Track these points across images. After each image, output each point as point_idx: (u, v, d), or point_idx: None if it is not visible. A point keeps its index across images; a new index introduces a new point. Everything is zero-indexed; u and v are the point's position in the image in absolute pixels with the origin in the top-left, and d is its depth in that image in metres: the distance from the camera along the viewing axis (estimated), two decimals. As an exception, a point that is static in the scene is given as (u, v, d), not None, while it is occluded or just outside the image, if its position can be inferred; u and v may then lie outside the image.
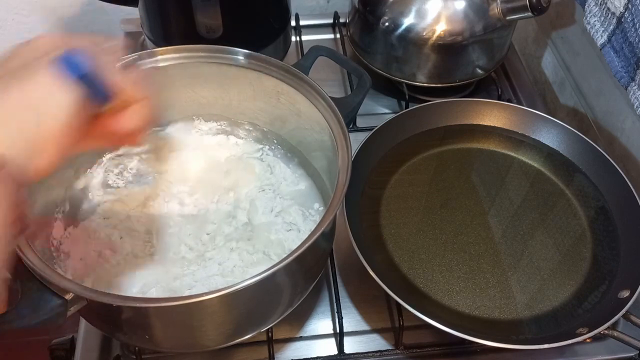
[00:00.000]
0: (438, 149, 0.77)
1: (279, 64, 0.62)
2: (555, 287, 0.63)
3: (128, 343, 0.61)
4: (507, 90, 0.91)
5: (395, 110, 0.87)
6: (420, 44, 0.80)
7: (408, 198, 0.71)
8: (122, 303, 0.46)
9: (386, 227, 0.68)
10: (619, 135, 0.78)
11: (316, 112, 0.60)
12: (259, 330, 0.56)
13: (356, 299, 0.66)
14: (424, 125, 0.77)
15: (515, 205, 0.71)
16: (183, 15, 0.78)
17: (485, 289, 0.63)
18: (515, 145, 0.77)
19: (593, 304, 0.61)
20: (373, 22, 0.82)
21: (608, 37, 0.70)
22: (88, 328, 0.63)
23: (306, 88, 0.61)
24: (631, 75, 0.67)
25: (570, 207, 0.71)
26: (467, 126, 0.78)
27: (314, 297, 0.66)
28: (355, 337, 0.64)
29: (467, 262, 0.65)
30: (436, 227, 0.69)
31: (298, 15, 0.97)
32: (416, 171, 0.75)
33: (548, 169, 0.75)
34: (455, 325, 0.56)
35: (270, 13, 0.84)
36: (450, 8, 0.79)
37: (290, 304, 0.56)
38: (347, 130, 0.56)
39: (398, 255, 0.66)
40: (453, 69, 0.83)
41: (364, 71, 0.65)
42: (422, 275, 0.64)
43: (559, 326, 0.60)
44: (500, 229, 0.68)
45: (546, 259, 0.66)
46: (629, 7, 0.65)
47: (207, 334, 0.54)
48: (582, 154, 0.73)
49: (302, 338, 0.64)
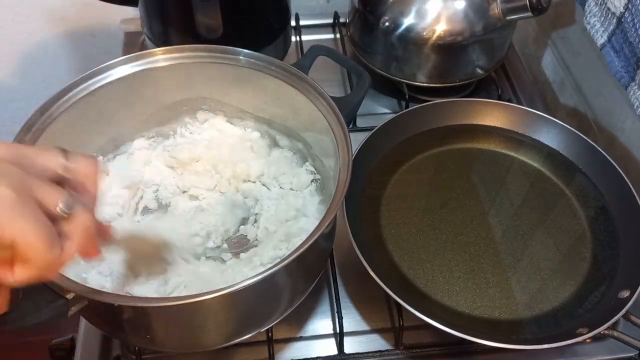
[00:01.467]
0: (438, 149, 0.77)
1: (279, 64, 0.62)
2: (555, 287, 0.63)
3: (128, 343, 0.61)
4: (507, 90, 0.91)
5: (395, 110, 0.87)
6: (420, 44, 0.80)
7: (408, 198, 0.71)
8: (123, 303, 0.46)
9: (386, 227, 0.68)
10: (619, 135, 0.78)
11: (316, 111, 0.60)
12: (259, 330, 0.56)
13: (356, 299, 0.66)
14: (424, 125, 0.77)
15: (515, 205, 0.71)
16: (183, 15, 0.78)
17: (485, 289, 0.63)
18: (515, 145, 0.77)
19: (593, 304, 0.61)
20: (373, 22, 0.82)
21: (608, 37, 0.70)
22: (88, 328, 0.63)
23: (306, 88, 0.61)
24: (631, 75, 0.67)
25: (570, 207, 0.71)
26: (467, 126, 0.78)
27: (314, 297, 0.66)
28: (355, 337, 0.64)
29: (467, 262, 0.65)
30: (436, 227, 0.69)
31: (298, 15, 0.97)
32: (416, 171, 0.74)
33: (548, 169, 0.74)
34: (455, 325, 0.56)
35: (270, 13, 0.84)
36: (450, 8, 0.79)
37: (290, 303, 0.56)
38: (347, 130, 0.56)
39: (398, 255, 0.66)
40: (453, 69, 0.83)
41: (364, 70, 0.65)
42: (422, 275, 0.64)
43: (559, 326, 0.60)
44: (500, 229, 0.68)
45: (546, 259, 0.66)
46: (629, 7, 0.65)
47: (208, 334, 0.54)
48: (582, 154, 0.73)
49: (302, 338, 0.64)
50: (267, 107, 0.67)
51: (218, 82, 0.66)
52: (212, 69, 0.64)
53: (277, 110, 0.66)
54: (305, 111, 0.62)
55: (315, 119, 0.60)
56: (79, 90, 0.60)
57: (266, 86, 0.64)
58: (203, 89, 0.67)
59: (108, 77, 0.61)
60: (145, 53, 0.63)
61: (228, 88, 0.67)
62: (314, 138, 0.64)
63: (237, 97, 0.68)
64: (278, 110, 0.66)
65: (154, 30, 0.83)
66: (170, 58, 0.63)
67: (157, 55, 0.63)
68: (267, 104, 0.67)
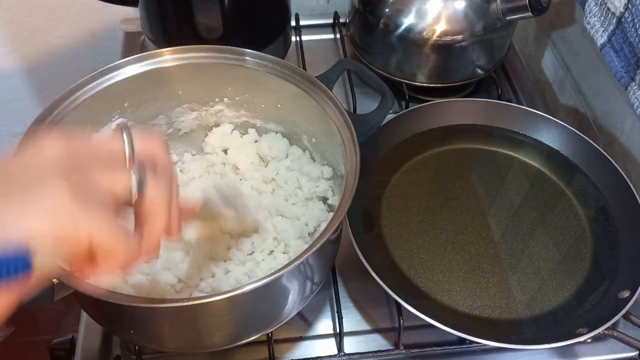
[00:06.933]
0: (438, 149, 0.77)
1: (300, 72, 0.62)
2: (555, 287, 0.63)
3: (120, 336, 0.61)
4: (507, 90, 0.91)
5: (395, 110, 0.87)
6: (420, 44, 0.80)
7: (408, 198, 0.71)
8: (106, 298, 0.45)
9: (386, 227, 0.68)
10: (619, 135, 0.78)
11: (327, 117, 0.60)
12: (264, 332, 0.56)
13: (356, 299, 0.66)
14: (424, 125, 0.77)
15: (515, 205, 0.71)
16: (183, 15, 0.78)
17: (485, 289, 0.63)
18: (515, 145, 0.77)
19: (593, 304, 0.61)
20: (373, 22, 0.82)
21: (608, 37, 0.70)
22: (88, 328, 0.63)
23: (320, 95, 0.60)
24: (631, 75, 0.67)
25: (571, 207, 0.71)
26: (467, 126, 0.78)
27: (314, 297, 0.66)
28: (355, 337, 0.64)
29: (467, 262, 0.65)
30: (436, 227, 0.69)
31: (298, 15, 0.97)
32: (416, 171, 0.75)
33: (548, 169, 0.75)
34: (455, 325, 0.56)
35: (270, 13, 0.84)
36: (450, 8, 0.79)
37: (296, 306, 0.56)
38: (357, 138, 0.56)
39: (398, 255, 0.66)
40: (453, 69, 0.83)
41: (389, 90, 0.65)
42: (422, 275, 0.64)
43: (559, 326, 0.60)
44: (500, 229, 0.68)
45: (546, 259, 0.66)
46: (629, 7, 0.65)
47: (212, 336, 0.54)
48: (582, 154, 0.73)
49: (302, 338, 0.64)
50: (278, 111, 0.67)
51: (228, 83, 0.66)
52: (220, 69, 0.64)
53: (288, 115, 0.66)
54: (316, 116, 0.61)
55: (326, 124, 0.60)
56: (87, 90, 0.59)
57: (291, 91, 0.63)
58: (214, 89, 0.67)
59: (116, 76, 0.61)
60: (153, 53, 0.62)
61: (240, 89, 0.66)
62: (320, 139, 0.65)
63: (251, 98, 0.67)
64: (288, 114, 0.66)
65: (154, 30, 0.83)
66: (177, 58, 0.63)
67: (165, 55, 0.63)
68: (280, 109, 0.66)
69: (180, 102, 0.67)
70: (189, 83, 0.65)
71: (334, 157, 0.62)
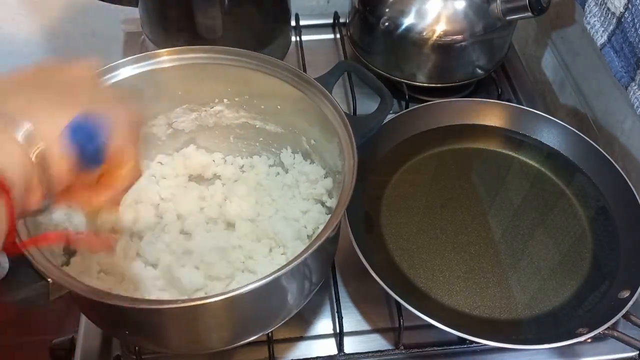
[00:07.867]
0: (438, 149, 0.77)
1: (299, 73, 0.61)
2: (555, 287, 0.63)
3: (118, 338, 0.61)
4: (507, 90, 0.91)
5: (395, 110, 0.87)
6: (420, 44, 0.80)
7: (408, 198, 0.71)
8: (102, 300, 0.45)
9: (386, 227, 0.68)
10: (619, 135, 0.78)
11: (326, 119, 0.60)
12: (263, 332, 0.56)
13: (356, 299, 0.66)
14: (424, 125, 0.77)
15: (515, 205, 0.71)
16: (183, 15, 0.78)
17: (485, 289, 0.63)
18: (515, 145, 0.77)
19: (593, 304, 0.61)
20: (373, 22, 0.82)
21: (608, 37, 0.70)
22: (88, 328, 0.63)
23: (319, 97, 0.60)
24: (631, 75, 0.67)
25: (571, 207, 0.71)
26: (467, 126, 0.78)
27: (314, 297, 0.66)
28: (355, 337, 0.64)
29: (467, 262, 0.65)
30: (436, 227, 0.69)
31: (298, 15, 0.97)
32: (416, 171, 0.75)
33: (548, 169, 0.75)
34: (455, 325, 0.56)
35: (270, 13, 0.84)
36: (450, 8, 0.79)
37: (295, 306, 0.56)
38: (354, 139, 0.56)
39: (398, 255, 0.66)
40: (453, 69, 0.83)
41: (388, 92, 0.64)
42: (422, 275, 0.64)
43: (559, 326, 0.60)
44: (500, 229, 0.68)
45: (546, 259, 0.66)
46: (629, 7, 0.65)
47: (211, 337, 0.54)
48: (582, 154, 0.73)
49: (302, 338, 0.64)
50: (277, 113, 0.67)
51: (228, 84, 0.66)
52: (218, 69, 0.64)
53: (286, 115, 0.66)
54: (315, 116, 0.61)
55: (323, 124, 0.60)
56: None
57: (276, 91, 0.63)
58: (214, 90, 0.67)
59: (116, 76, 0.61)
60: (151, 54, 0.62)
61: (240, 90, 0.66)
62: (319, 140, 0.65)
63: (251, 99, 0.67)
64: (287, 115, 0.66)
65: (154, 30, 0.83)
66: (176, 59, 0.63)
67: (163, 56, 0.63)
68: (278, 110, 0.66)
69: (180, 103, 0.67)
70: (189, 83, 0.65)
71: (332, 159, 0.62)
